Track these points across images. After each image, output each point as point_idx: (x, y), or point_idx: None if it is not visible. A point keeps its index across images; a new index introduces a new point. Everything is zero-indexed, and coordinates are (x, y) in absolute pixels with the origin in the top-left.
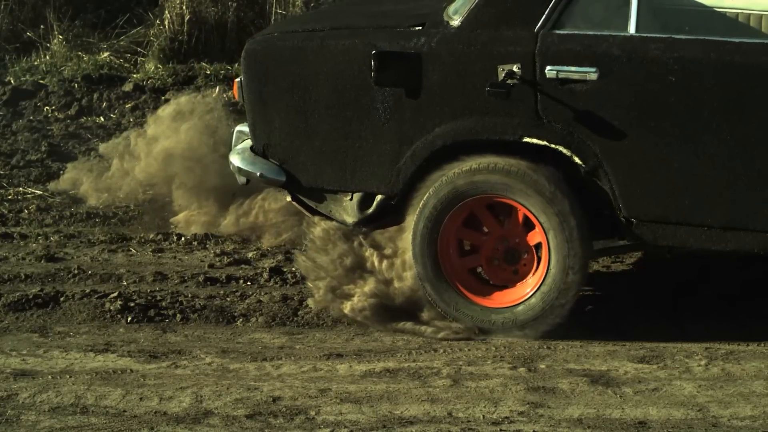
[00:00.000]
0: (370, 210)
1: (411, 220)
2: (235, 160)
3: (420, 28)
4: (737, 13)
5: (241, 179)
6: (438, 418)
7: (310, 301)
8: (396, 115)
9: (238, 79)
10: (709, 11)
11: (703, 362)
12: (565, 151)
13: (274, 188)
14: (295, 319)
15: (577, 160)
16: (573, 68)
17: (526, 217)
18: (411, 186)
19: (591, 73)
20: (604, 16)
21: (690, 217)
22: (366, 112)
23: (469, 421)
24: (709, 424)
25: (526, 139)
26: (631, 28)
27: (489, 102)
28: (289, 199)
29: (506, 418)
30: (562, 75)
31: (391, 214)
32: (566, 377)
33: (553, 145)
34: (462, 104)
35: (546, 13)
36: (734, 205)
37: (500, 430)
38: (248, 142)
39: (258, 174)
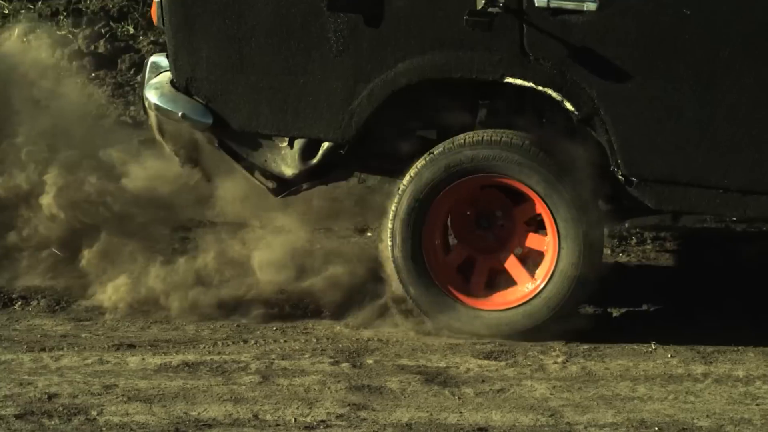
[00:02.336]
0: (315, 160)
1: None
2: (152, 96)
3: None
4: None
5: (154, 120)
6: (241, 421)
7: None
8: (351, 46)
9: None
10: None
11: (560, 359)
12: (554, 94)
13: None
14: (84, 303)
15: (568, 105)
16: None
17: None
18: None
19: (589, 3)
20: None
21: (703, 177)
22: (314, 41)
23: (278, 425)
24: None
25: (508, 79)
26: None
27: (466, 34)
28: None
29: (322, 421)
30: (554, 4)
31: (339, 168)
32: (396, 375)
33: (540, 87)
34: (432, 35)
35: None
36: (757, 164)
37: None
38: (167, 75)
39: (179, 114)
